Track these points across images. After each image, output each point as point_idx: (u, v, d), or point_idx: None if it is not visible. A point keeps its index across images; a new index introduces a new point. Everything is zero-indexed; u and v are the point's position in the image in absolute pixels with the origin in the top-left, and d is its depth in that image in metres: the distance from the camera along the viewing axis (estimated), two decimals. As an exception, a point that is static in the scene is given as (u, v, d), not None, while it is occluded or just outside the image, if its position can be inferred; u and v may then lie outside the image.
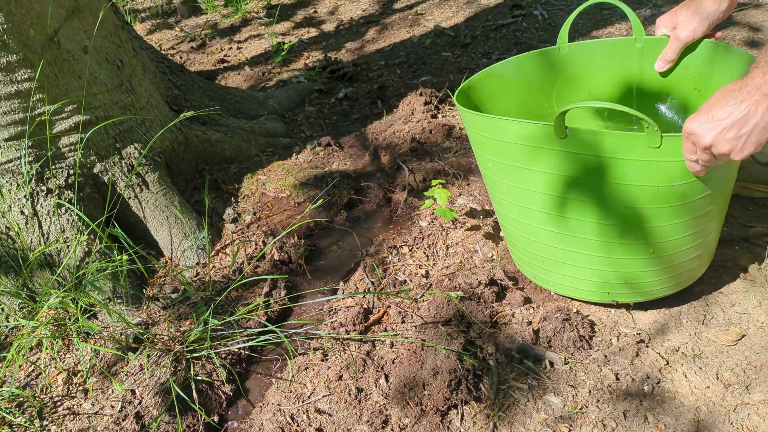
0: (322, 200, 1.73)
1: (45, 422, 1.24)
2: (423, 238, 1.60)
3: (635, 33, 1.30)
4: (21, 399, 1.28)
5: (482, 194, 1.75)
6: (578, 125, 1.21)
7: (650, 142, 0.91)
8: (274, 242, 1.62)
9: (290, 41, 3.01)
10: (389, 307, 1.41)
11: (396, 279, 1.49)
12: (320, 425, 1.17)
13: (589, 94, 1.41)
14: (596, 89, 1.40)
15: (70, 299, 1.41)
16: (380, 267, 1.53)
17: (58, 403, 1.28)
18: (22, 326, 1.42)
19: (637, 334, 1.24)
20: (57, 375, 1.34)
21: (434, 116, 2.19)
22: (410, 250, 1.58)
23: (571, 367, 1.19)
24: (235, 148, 1.97)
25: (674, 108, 1.33)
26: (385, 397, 1.18)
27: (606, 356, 1.20)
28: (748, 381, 1.12)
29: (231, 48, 3.08)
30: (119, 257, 1.43)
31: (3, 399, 1.27)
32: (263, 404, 1.25)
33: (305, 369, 1.30)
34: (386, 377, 1.22)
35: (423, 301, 1.40)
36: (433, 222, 1.66)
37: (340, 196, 1.83)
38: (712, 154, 0.90)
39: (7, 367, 1.33)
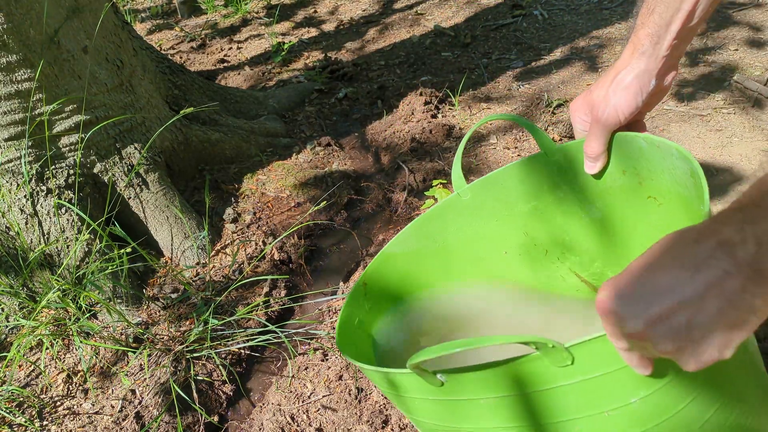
0: (324, 202, 1.73)
1: (45, 422, 1.24)
2: (423, 238, 1.60)
3: (542, 146, 0.89)
4: (21, 399, 1.28)
5: (482, 194, 1.75)
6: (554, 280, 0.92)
7: (556, 362, 0.55)
8: (275, 243, 1.62)
9: (290, 41, 3.01)
10: (389, 307, 1.41)
11: (396, 279, 1.49)
12: (320, 425, 1.17)
13: (518, 237, 0.99)
14: (528, 228, 0.98)
15: (70, 299, 1.41)
16: (380, 267, 1.53)
17: (58, 403, 1.28)
18: (22, 326, 1.42)
19: None
20: (57, 375, 1.34)
21: (434, 116, 2.20)
22: (410, 250, 1.58)
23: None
24: (235, 148, 1.97)
25: (631, 228, 0.90)
26: (385, 397, 1.19)
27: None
28: None
29: (231, 48, 3.08)
30: (120, 252, 1.43)
31: (3, 399, 1.27)
32: (263, 404, 1.25)
33: (305, 369, 1.30)
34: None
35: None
36: (433, 222, 1.66)
37: (340, 196, 1.83)
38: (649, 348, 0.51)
39: (7, 366, 1.33)
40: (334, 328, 1.37)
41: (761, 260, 0.42)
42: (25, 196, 1.46)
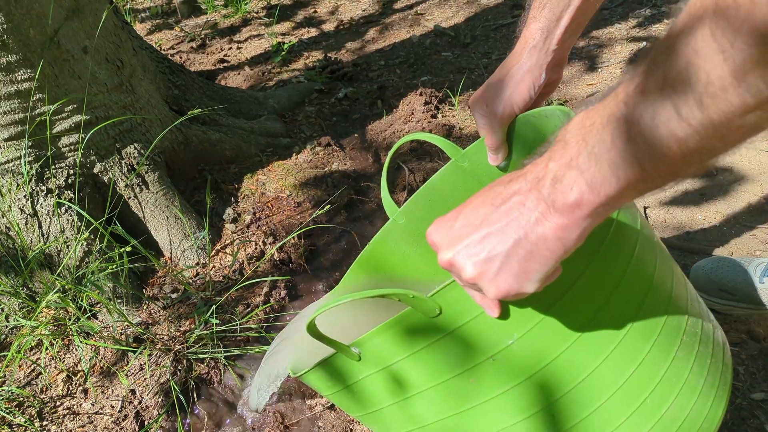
0: (329, 206, 1.73)
1: (45, 422, 1.24)
2: (423, 238, 1.60)
3: (451, 153, 0.90)
4: (21, 399, 1.28)
5: (482, 194, 1.75)
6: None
7: (427, 313, 0.58)
8: (278, 246, 1.62)
9: (290, 41, 3.01)
10: (389, 307, 1.41)
11: (396, 279, 1.49)
12: (320, 425, 1.17)
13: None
14: None
15: (70, 299, 1.41)
16: (380, 267, 1.53)
17: (58, 403, 1.28)
18: (22, 326, 1.42)
19: None
20: (57, 375, 1.34)
21: (434, 116, 2.20)
22: (410, 250, 1.58)
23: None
24: (235, 148, 1.97)
25: None
26: (385, 397, 1.19)
27: None
28: None
29: (231, 48, 3.08)
30: (121, 251, 1.43)
31: (3, 399, 1.27)
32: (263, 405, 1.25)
33: (305, 369, 1.30)
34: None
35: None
36: (433, 222, 1.66)
37: (340, 197, 1.83)
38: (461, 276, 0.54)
39: (7, 366, 1.33)
40: (334, 328, 1.37)
41: (554, 194, 0.46)
42: (25, 196, 1.46)
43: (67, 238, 1.48)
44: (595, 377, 0.60)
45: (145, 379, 1.28)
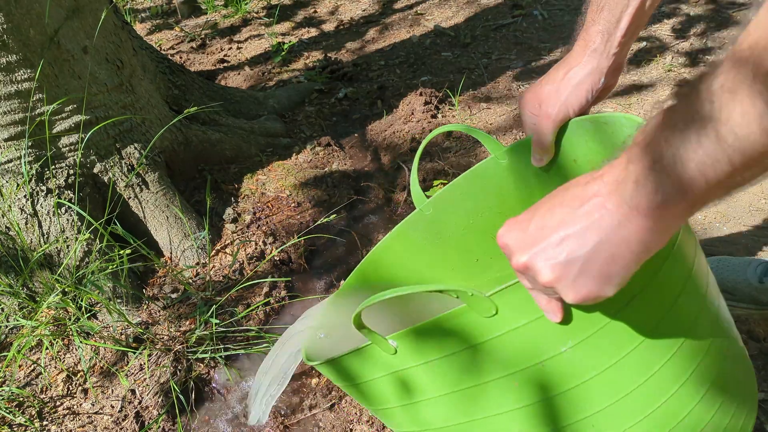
0: (334, 216, 1.72)
1: (45, 422, 1.24)
2: (423, 238, 1.60)
3: (492, 150, 0.90)
4: (21, 399, 1.28)
5: (482, 194, 1.75)
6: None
7: (482, 312, 0.56)
8: (279, 249, 1.62)
9: (290, 41, 3.00)
10: (389, 307, 1.41)
11: (396, 279, 1.49)
12: (320, 425, 1.17)
13: (488, 243, 0.98)
14: (492, 233, 0.93)
15: (70, 299, 1.41)
16: (380, 267, 1.53)
17: (58, 403, 1.28)
18: (22, 326, 1.42)
19: None
20: (57, 375, 1.34)
21: (434, 116, 2.20)
22: (410, 250, 1.58)
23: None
24: (235, 148, 1.97)
25: None
26: (385, 397, 1.19)
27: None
28: None
29: (231, 48, 3.08)
30: (121, 252, 1.43)
31: (3, 399, 1.27)
32: (263, 404, 1.25)
33: (305, 369, 1.30)
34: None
35: (423, 301, 1.40)
36: (433, 222, 1.66)
37: (340, 197, 1.83)
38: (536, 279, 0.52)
39: (7, 366, 1.33)
40: (334, 328, 1.37)
41: (637, 197, 0.45)
42: (25, 196, 1.46)
43: (67, 238, 1.48)
44: (639, 392, 0.59)
45: (145, 379, 1.28)
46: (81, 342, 1.35)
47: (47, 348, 1.36)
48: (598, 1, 0.71)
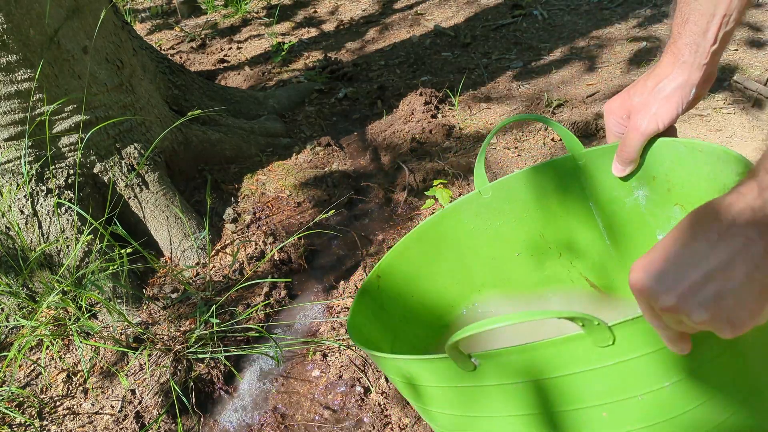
0: (333, 211, 1.72)
1: (45, 422, 1.24)
2: (423, 238, 1.60)
3: (570, 148, 0.90)
4: (21, 398, 1.28)
5: (482, 194, 1.75)
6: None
7: (598, 341, 0.56)
8: (278, 248, 1.62)
9: (290, 41, 3.00)
10: (389, 307, 1.41)
11: (396, 279, 1.49)
12: (320, 425, 1.17)
13: (534, 239, 0.99)
14: (545, 230, 0.98)
15: (70, 299, 1.41)
16: (380, 267, 1.53)
17: (58, 403, 1.28)
18: (22, 326, 1.42)
19: None
20: (57, 375, 1.34)
21: (434, 116, 2.20)
22: (410, 250, 1.58)
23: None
24: (235, 148, 1.97)
25: (659, 235, 0.89)
26: (386, 397, 1.18)
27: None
28: None
29: (231, 48, 3.08)
30: (120, 252, 1.43)
31: (3, 399, 1.27)
32: (263, 404, 1.25)
33: (305, 369, 1.30)
34: (386, 377, 1.22)
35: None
36: (433, 222, 1.66)
37: (341, 197, 1.83)
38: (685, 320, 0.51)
39: (7, 366, 1.33)
40: (334, 328, 1.37)
41: None
42: (25, 196, 1.46)
43: (67, 238, 1.48)
44: (733, 419, 0.60)
45: (145, 379, 1.28)
46: (81, 342, 1.35)
47: (47, 348, 1.36)
48: (682, 14, 0.70)
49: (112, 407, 1.25)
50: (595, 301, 0.96)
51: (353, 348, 1.31)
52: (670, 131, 0.79)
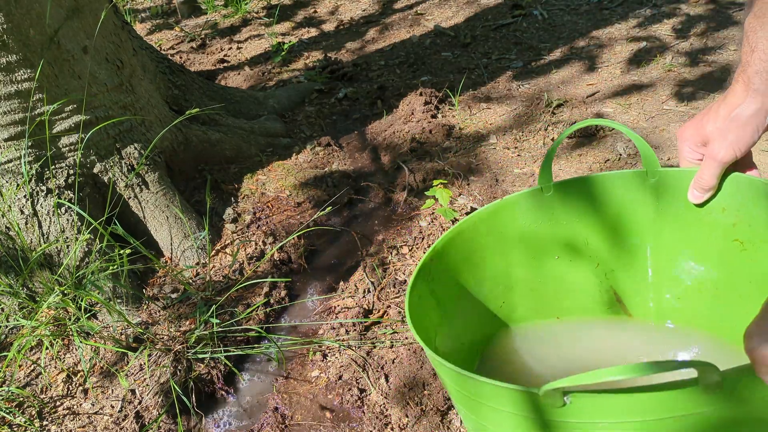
0: (330, 208, 1.73)
1: (45, 422, 1.24)
2: (423, 238, 1.60)
3: (646, 164, 0.89)
4: (21, 399, 1.28)
5: (482, 194, 1.75)
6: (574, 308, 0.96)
7: (708, 387, 0.55)
8: (278, 247, 1.62)
9: (290, 41, 3.01)
10: (389, 307, 1.41)
11: (396, 279, 1.49)
12: (320, 425, 1.17)
13: (577, 243, 0.99)
14: (592, 238, 0.98)
15: (70, 299, 1.41)
16: (380, 267, 1.53)
17: (58, 403, 1.28)
18: (22, 326, 1.42)
19: None
20: (57, 375, 1.34)
21: (434, 116, 2.20)
22: (410, 250, 1.58)
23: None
24: (235, 148, 1.97)
25: (705, 265, 0.90)
26: (385, 397, 1.18)
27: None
28: None
29: (231, 48, 3.08)
30: (120, 253, 1.43)
31: (3, 399, 1.27)
32: (263, 405, 1.25)
33: (305, 370, 1.30)
34: (386, 377, 1.22)
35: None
36: (433, 222, 1.66)
37: (340, 196, 1.83)
38: None
39: (7, 366, 1.33)
40: (334, 329, 1.37)
41: None
42: (25, 196, 1.46)
43: (67, 238, 1.48)
44: None
45: (145, 380, 1.28)
46: (81, 342, 1.35)
47: (47, 348, 1.36)
48: (750, 43, 0.71)
49: (112, 407, 1.25)
50: (617, 324, 0.96)
51: (353, 348, 1.31)
52: (746, 158, 0.81)
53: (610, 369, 0.53)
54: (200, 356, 1.31)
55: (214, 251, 1.63)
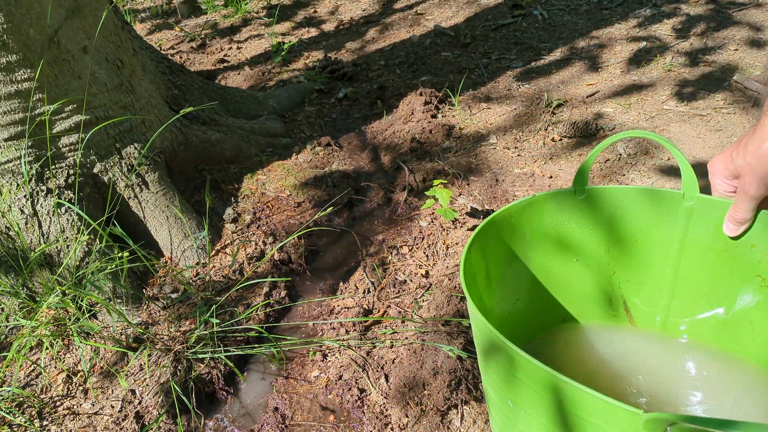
0: (331, 208, 1.73)
1: (45, 422, 1.24)
2: (423, 238, 1.60)
3: (686, 188, 0.88)
4: (21, 399, 1.28)
5: (482, 194, 1.75)
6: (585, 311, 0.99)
7: None
8: (278, 247, 1.62)
9: (290, 41, 3.00)
10: (389, 307, 1.41)
11: (396, 279, 1.49)
12: (320, 426, 1.17)
13: (597, 251, 0.99)
14: (613, 248, 0.98)
15: (70, 299, 1.41)
16: (380, 267, 1.53)
17: (58, 403, 1.28)
18: (22, 326, 1.42)
19: None
20: (57, 375, 1.34)
21: (434, 116, 2.19)
22: (410, 250, 1.58)
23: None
24: (235, 148, 1.97)
25: (720, 298, 0.91)
26: (385, 397, 1.18)
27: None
28: None
29: (231, 48, 3.08)
30: (120, 255, 1.43)
31: (3, 399, 1.27)
32: (263, 405, 1.25)
33: (305, 370, 1.30)
34: (386, 377, 1.22)
35: (423, 300, 1.40)
36: (433, 222, 1.66)
37: (341, 196, 1.83)
38: None
39: (7, 367, 1.33)
40: (334, 329, 1.37)
41: None
42: (25, 196, 1.46)
43: (67, 238, 1.48)
44: None
45: (145, 380, 1.28)
46: (81, 342, 1.35)
47: (47, 348, 1.36)
48: None
49: (112, 407, 1.25)
50: (635, 334, 0.98)
51: (353, 348, 1.31)
52: None
53: (738, 422, 0.51)
54: (200, 356, 1.31)
55: (214, 251, 1.63)
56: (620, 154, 1.89)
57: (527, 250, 0.97)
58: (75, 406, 1.27)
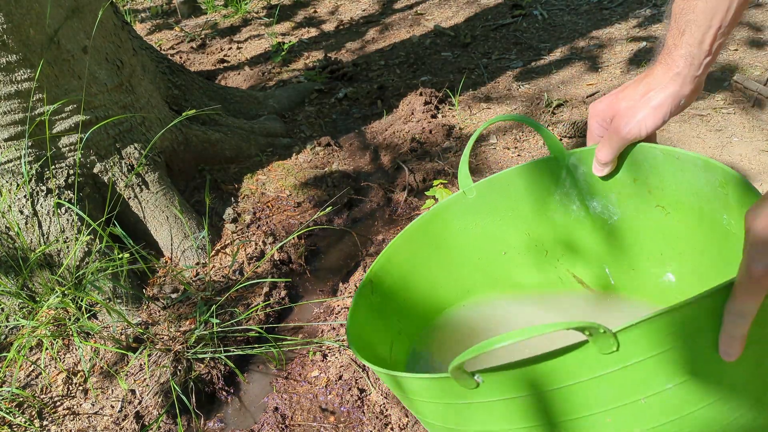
0: (330, 208, 1.73)
1: (45, 422, 1.24)
2: (423, 238, 1.60)
3: (554, 152, 0.90)
4: (21, 399, 1.28)
5: (482, 194, 1.75)
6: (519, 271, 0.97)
7: (602, 348, 0.56)
8: (278, 247, 1.62)
9: (290, 41, 3.01)
10: (389, 307, 1.41)
11: (396, 279, 1.49)
12: (320, 426, 1.17)
13: (520, 237, 0.99)
14: (527, 229, 0.98)
15: (70, 299, 1.41)
16: (380, 267, 1.53)
17: (58, 403, 1.28)
18: (22, 326, 1.42)
19: None
20: (57, 375, 1.34)
21: (434, 116, 2.20)
22: (410, 250, 1.58)
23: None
24: (235, 148, 1.97)
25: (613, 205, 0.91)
26: (385, 397, 1.18)
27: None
28: None
29: (231, 48, 3.08)
30: (120, 256, 1.43)
31: (3, 399, 1.27)
32: (263, 405, 1.25)
33: (305, 370, 1.30)
34: (386, 377, 1.22)
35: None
36: (433, 222, 1.66)
37: (340, 197, 1.83)
38: None
39: (7, 367, 1.33)
40: (334, 329, 1.37)
41: None
42: (25, 196, 1.46)
43: (67, 238, 1.48)
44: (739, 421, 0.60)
45: (145, 380, 1.28)
46: (81, 342, 1.35)
47: (47, 348, 1.36)
48: (679, 25, 0.70)
49: (112, 407, 1.25)
50: (586, 300, 0.96)
51: (353, 348, 1.31)
52: (650, 138, 0.80)
53: (500, 337, 0.53)
54: (200, 356, 1.31)
55: (214, 251, 1.63)
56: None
57: (447, 263, 0.97)
58: (75, 407, 1.27)
